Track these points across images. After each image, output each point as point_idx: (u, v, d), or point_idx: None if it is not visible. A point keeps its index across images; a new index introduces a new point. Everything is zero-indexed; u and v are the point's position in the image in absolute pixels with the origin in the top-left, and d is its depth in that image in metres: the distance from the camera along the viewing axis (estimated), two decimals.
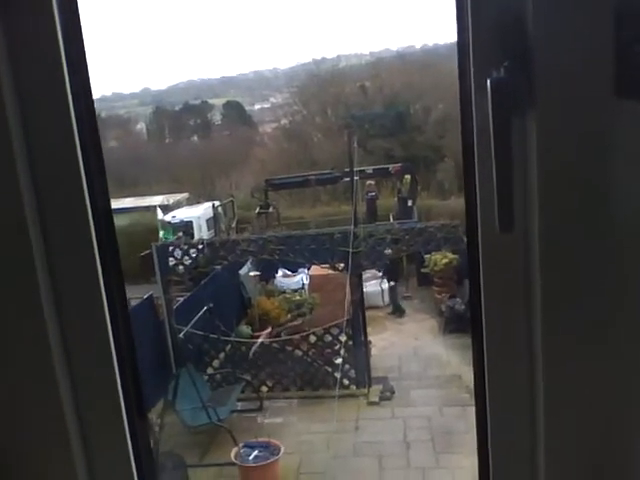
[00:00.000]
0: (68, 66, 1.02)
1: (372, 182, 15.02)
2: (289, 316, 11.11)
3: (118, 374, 1.14)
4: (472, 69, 0.90)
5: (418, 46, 22.24)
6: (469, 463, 7.47)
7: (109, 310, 1.12)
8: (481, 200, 0.93)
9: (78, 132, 1.05)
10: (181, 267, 10.01)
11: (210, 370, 9.94)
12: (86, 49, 1.07)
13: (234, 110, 22.51)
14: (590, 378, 0.99)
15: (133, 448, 1.18)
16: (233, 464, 7.64)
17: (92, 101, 1.10)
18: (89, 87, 1.09)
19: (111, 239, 1.15)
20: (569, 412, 1.01)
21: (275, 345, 10.17)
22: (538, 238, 0.90)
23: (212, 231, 14.17)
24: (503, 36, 0.87)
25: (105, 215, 1.12)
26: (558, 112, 0.87)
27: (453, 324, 11.30)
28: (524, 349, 0.99)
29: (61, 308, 1.10)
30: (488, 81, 0.83)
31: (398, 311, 12.49)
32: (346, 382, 9.70)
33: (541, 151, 0.88)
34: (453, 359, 10.24)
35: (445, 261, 12.28)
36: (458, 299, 11.70)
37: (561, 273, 0.92)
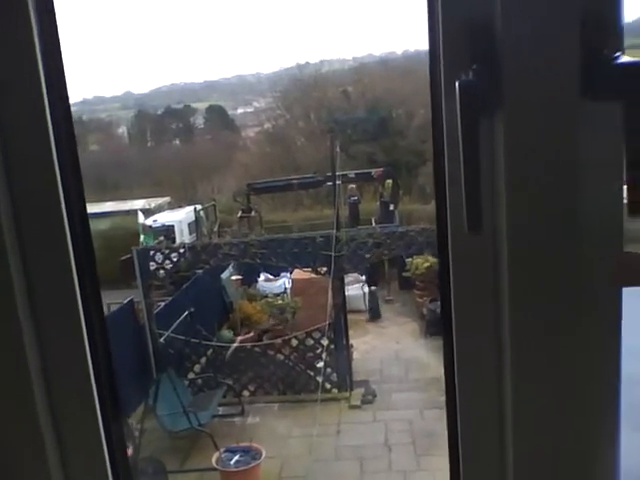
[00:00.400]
0: (44, 69, 1.02)
1: (354, 186, 15.06)
2: (271, 320, 11.09)
3: (94, 379, 1.14)
4: (442, 72, 0.92)
5: (400, 52, 22.41)
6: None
7: (85, 315, 1.12)
8: (450, 201, 0.94)
9: (54, 137, 1.05)
10: (162, 271, 9.95)
11: (191, 375, 9.89)
12: (68, 52, 1.08)
13: (217, 114, 22.46)
14: (557, 375, 1.01)
15: (109, 454, 1.18)
16: (214, 469, 7.60)
17: (69, 105, 1.10)
18: (66, 90, 1.08)
19: (87, 244, 1.14)
20: (538, 409, 1.03)
21: (257, 349, 10.15)
22: (506, 238, 0.92)
23: (194, 235, 14.11)
24: (472, 40, 0.89)
25: (81, 220, 1.12)
26: (525, 114, 0.89)
27: (434, 327, 11.35)
28: (493, 346, 1.01)
29: (37, 313, 1.10)
30: (457, 83, 0.85)
31: (374, 316, 12.55)
32: (328, 386, 9.71)
33: (508, 152, 0.90)
34: (434, 362, 10.29)
35: (426, 265, 12.35)
36: (439, 302, 11.76)
37: (529, 272, 0.94)
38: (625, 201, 0.90)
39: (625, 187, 0.91)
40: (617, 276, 0.98)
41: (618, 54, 0.88)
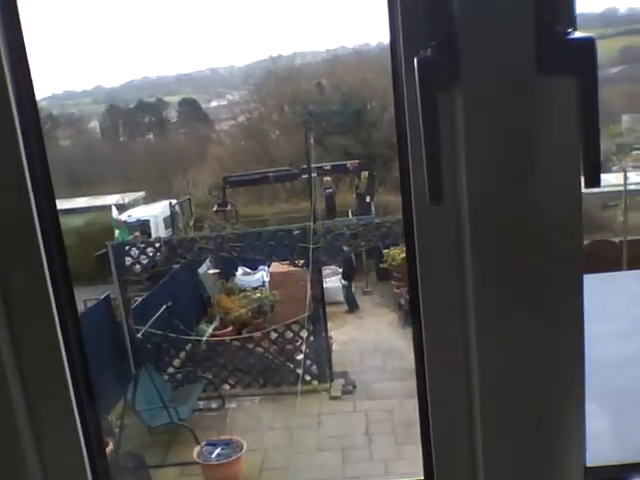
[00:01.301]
0: (10, 65, 1.02)
1: (329, 178, 15.08)
2: (250, 314, 11.08)
3: (69, 376, 1.14)
4: (402, 49, 0.93)
5: (374, 43, 22.39)
6: None
7: (58, 312, 1.12)
8: (413, 175, 0.97)
9: (22, 133, 1.04)
10: (138, 266, 9.88)
11: (171, 369, 9.85)
12: (36, 46, 1.07)
13: (190, 107, 22.27)
14: (525, 362, 1.03)
15: (87, 451, 1.18)
16: (196, 463, 7.60)
17: (35, 100, 1.09)
18: (32, 85, 1.08)
19: (58, 241, 1.14)
20: (504, 397, 1.05)
21: (236, 343, 10.14)
22: (467, 211, 0.95)
23: (170, 230, 14.01)
24: (430, 17, 0.90)
25: (51, 217, 1.12)
26: (483, 88, 0.91)
27: None
28: (458, 320, 1.04)
29: (10, 313, 1.10)
30: (415, 60, 0.87)
31: (352, 307, 12.62)
32: (308, 377, 9.75)
33: (467, 126, 0.92)
34: (412, 352, 10.38)
35: (403, 255, 12.42)
36: None
37: (489, 242, 0.96)
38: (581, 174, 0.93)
39: (581, 160, 0.94)
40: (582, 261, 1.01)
41: (570, 30, 0.91)
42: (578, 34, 0.89)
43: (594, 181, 0.88)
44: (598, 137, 0.87)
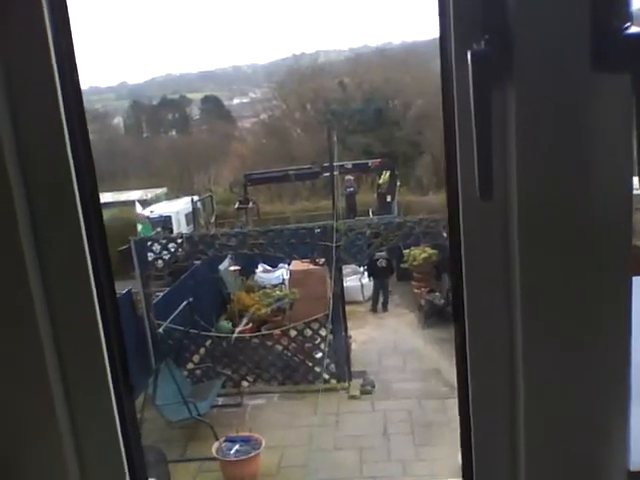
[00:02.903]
0: (57, 61, 1.02)
1: (351, 177, 15.06)
2: (269, 311, 11.11)
3: (107, 359, 1.15)
4: (453, 42, 0.92)
5: (397, 42, 22.35)
6: (447, 455, 7.57)
7: (97, 296, 1.13)
8: (462, 170, 0.95)
9: (67, 127, 1.05)
10: (160, 262, 9.96)
11: (190, 365, 9.91)
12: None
13: (212, 105, 22.39)
14: (570, 364, 1.01)
15: (122, 431, 1.18)
16: (214, 459, 7.63)
17: (81, 96, 1.10)
18: (78, 82, 1.08)
19: (100, 231, 1.15)
20: (549, 400, 1.03)
21: (255, 340, 10.17)
22: (517, 206, 0.93)
23: (191, 226, 14.12)
24: (484, 9, 0.89)
25: (94, 206, 1.13)
26: (536, 84, 0.89)
27: (432, 318, 11.41)
28: (504, 320, 1.02)
29: (51, 297, 1.10)
30: (469, 53, 0.85)
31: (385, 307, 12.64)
32: (327, 376, 9.75)
33: (520, 122, 0.90)
34: (432, 353, 10.34)
35: (424, 256, 12.38)
36: (437, 293, 11.82)
37: (537, 241, 0.95)
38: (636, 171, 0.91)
39: (635, 157, 0.91)
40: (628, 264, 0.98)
41: (627, 25, 0.88)
42: (635, 29, 0.86)
43: None
44: None
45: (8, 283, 1.06)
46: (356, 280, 12.73)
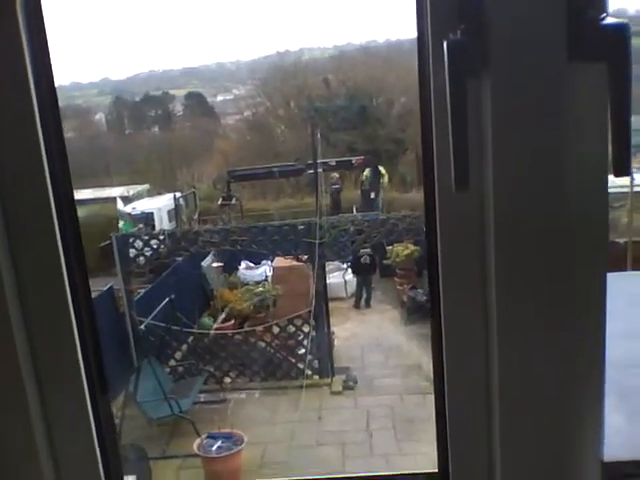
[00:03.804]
0: (30, 55, 1.01)
1: (336, 174, 15.06)
2: (251, 307, 11.08)
3: (81, 358, 1.13)
4: (430, 32, 0.92)
5: (381, 40, 22.34)
6: (430, 449, 7.61)
7: (72, 296, 1.11)
8: (438, 162, 0.95)
9: (40, 121, 1.03)
10: (142, 258, 9.88)
11: (172, 362, 9.85)
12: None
13: (196, 101, 22.25)
14: (545, 358, 1.02)
15: (97, 431, 1.17)
16: (196, 455, 7.60)
17: (54, 90, 1.08)
18: (51, 76, 1.07)
19: (74, 228, 1.14)
20: (524, 393, 1.04)
21: (238, 336, 10.14)
22: (493, 198, 0.93)
23: (174, 222, 14.01)
24: (460, 0, 0.89)
25: (68, 204, 1.11)
26: (512, 73, 0.90)
27: (414, 314, 11.45)
28: (479, 314, 1.02)
29: (25, 297, 1.09)
30: (445, 43, 0.85)
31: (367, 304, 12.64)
32: (309, 372, 9.74)
33: (495, 112, 0.90)
34: (414, 349, 10.38)
35: (406, 252, 12.42)
36: (419, 290, 11.86)
37: (513, 232, 0.95)
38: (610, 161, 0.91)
39: (610, 148, 0.92)
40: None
41: (603, 15, 0.89)
42: (611, 20, 0.87)
43: (624, 170, 0.87)
44: (629, 126, 0.86)
45: None
46: (339, 277, 12.74)
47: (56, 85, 1.09)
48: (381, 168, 15.12)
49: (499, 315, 0.99)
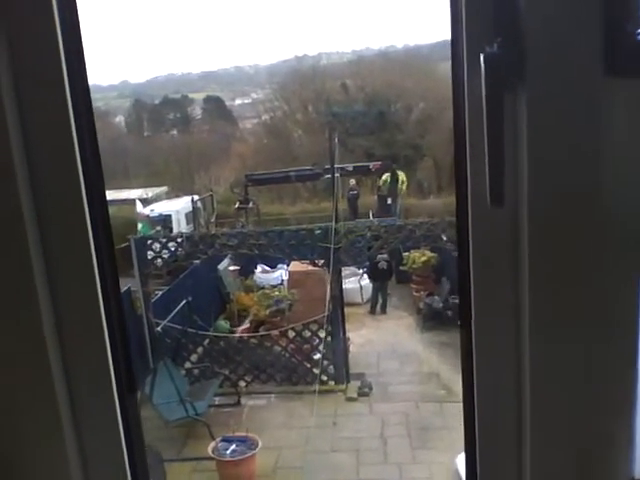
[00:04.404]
0: (66, 58, 1.02)
1: (354, 181, 15.09)
2: (268, 312, 11.09)
3: (111, 359, 1.14)
4: (465, 44, 0.91)
5: (400, 45, 22.33)
6: (445, 458, 7.56)
7: (102, 293, 1.12)
8: (472, 174, 0.94)
9: (75, 124, 1.04)
10: (159, 260, 9.93)
11: (188, 364, 9.89)
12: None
13: (214, 105, 22.37)
14: (577, 370, 1.00)
15: (124, 429, 1.18)
16: (210, 458, 7.61)
17: (89, 94, 1.09)
18: (86, 81, 1.08)
19: (106, 229, 1.15)
20: (555, 406, 1.02)
21: (253, 340, 10.15)
22: (527, 212, 0.92)
23: (191, 225, 14.09)
24: (496, 12, 0.88)
25: (100, 203, 1.12)
26: (548, 88, 0.89)
27: (431, 322, 11.39)
28: (512, 325, 1.01)
29: (56, 295, 1.10)
30: (482, 56, 0.84)
31: (383, 309, 12.59)
32: (324, 378, 9.72)
33: (531, 126, 0.89)
34: (430, 356, 10.33)
35: (423, 259, 12.38)
36: (436, 297, 11.80)
37: (548, 247, 0.94)
38: None
39: None
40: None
41: None
42: None
43: None
44: None
45: (13, 280, 1.05)
46: (355, 282, 12.71)
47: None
48: (400, 173, 15.07)
49: (531, 326, 0.98)
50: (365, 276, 12.76)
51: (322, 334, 9.96)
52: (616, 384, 1.02)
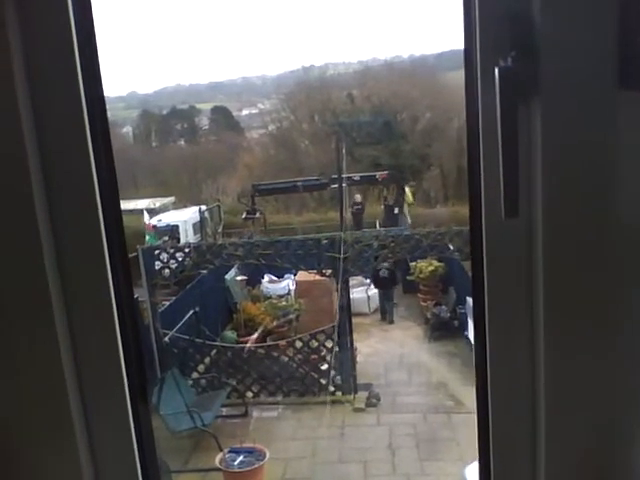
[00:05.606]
0: (82, 69, 1.03)
1: (359, 195, 15.13)
2: (275, 322, 11.08)
3: (123, 363, 1.14)
4: (479, 58, 0.91)
5: (406, 55, 22.40)
6: (454, 470, 7.50)
7: (116, 302, 1.12)
8: (486, 186, 0.94)
9: (90, 133, 1.05)
10: (167, 270, 9.95)
11: (195, 375, 9.87)
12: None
13: (221, 115, 22.48)
14: (592, 378, 1.00)
15: (137, 438, 1.18)
16: (218, 469, 7.58)
17: (104, 104, 1.10)
18: (101, 91, 1.09)
19: (119, 238, 1.15)
20: (570, 413, 1.02)
21: (261, 350, 10.13)
22: (542, 224, 0.92)
23: (198, 235, 14.12)
24: (511, 26, 0.88)
25: (115, 213, 1.13)
26: (562, 101, 0.89)
27: (438, 331, 11.35)
28: (526, 337, 1.01)
29: (70, 302, 1.10)
30: (496, 69, 0.85)
31: (390, 319, 12.57)
32: (332, 388, 9.68)
33: (545, 139, 0.90)
34: (438, 366, 10.28)
35: (430, 269, 12.35)
36: (443, 306, 11.76)
37: (563, 259, 0.94)
38: None
39: None
40: None
41: None
42: None
43: None
44: None
45: (28, 291, 1.06)
46: (363, 292, 12.69)
47: None
48: (407, 189, 15.07)
49: (546, 337, 0.98)
50: (372, 286, 12.75)
51: (330, 344, 9.93)
52: (631, 395, 1.01)
